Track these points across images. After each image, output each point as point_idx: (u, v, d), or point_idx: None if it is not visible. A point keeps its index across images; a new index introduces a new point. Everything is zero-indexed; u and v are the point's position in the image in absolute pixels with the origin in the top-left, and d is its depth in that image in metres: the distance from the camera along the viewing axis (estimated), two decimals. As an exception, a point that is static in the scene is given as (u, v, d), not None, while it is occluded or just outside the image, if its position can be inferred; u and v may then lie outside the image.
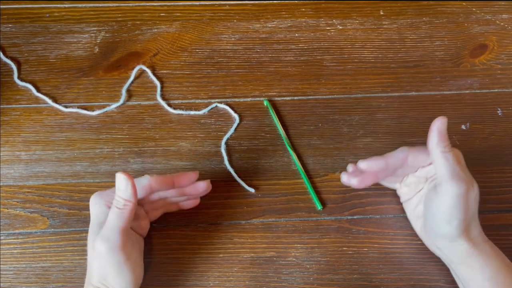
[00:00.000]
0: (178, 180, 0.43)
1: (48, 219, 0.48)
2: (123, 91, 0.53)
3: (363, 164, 0.42)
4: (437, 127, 0.40)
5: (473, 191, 0.40)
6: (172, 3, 0.59)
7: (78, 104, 0.53)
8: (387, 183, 0.47)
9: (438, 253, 0.44)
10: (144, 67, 0.55)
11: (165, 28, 0.57)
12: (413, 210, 0.45)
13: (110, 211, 0.39)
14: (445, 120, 0.40)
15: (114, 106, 0.53)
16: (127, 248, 0.39)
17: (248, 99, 0.54)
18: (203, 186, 0.45)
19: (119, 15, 0.58)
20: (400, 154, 0.43)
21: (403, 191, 0.46)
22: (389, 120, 0.53)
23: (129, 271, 0.39)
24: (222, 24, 0.58)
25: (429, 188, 0.42)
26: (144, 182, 0.42)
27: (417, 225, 0.45)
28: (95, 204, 0.41)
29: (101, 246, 0.38)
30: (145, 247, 0.45)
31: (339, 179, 0.50)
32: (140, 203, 0.44)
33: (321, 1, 0.60)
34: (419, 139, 0.51)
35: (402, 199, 0.47)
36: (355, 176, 0.43)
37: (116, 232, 0.38)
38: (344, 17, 0.59)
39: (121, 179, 0.38)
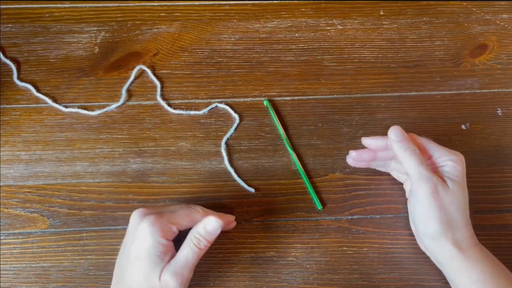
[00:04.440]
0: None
1: (48, 219, 0.48)
2: (123, 91, 0.53)
3: (366, 140, 0.45)
4: (392, 137, 0.42)
5: (447, 192, 0.40)
6: (172, 3, 0.59)
7: (78, 104, 0.53)
8: (395, 171, 0.48)
9: (427, 253, 0.44)
10: (144, 67, 0.55)
11: (165, 28, 0.57)
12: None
13: (185, 248, 0.39)
14: (397, 130, 0.41)
15: (114, 106, 0.53)
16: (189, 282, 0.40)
17: (248, 99, 0.54)
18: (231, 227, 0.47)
19: (119, 15, 0.58)
20: None
21: (408, 184, 0.46)
22: (389, 120, 0.53)
23: None
24: (222, 24, 0.58)
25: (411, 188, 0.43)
26: (197, 217, 0.41)
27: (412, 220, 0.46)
28: (152, 234, 0.38)
29: (171, 281, 0.38)
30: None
31: (339, 179, 0.50)
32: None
33: (321, 1, 0.60)
34: (419, 139, 0.51)
35: (407, 194, 0.47)
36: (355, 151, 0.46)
37: (189, 269, 0.39)
38: (344, 17, 0.59)
39: (214, 222, 0.39)
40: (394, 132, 0.41)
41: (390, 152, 0.45)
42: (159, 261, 0.38)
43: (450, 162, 0.42)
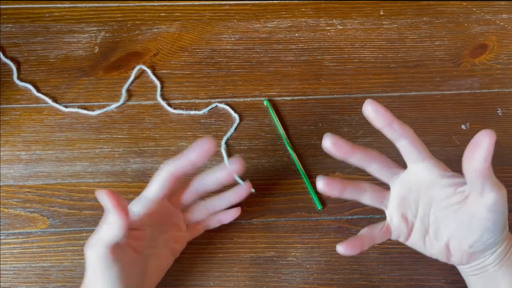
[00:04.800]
0: (192, 154, 0.39)
1: (48, 219, 0.48)
2: (123, 91, 0.53)
3: (328, 140, 0.37)
4: (488, 146, 0.33)
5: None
6: (172, 3, 0.59)
7: (78, 104, 0.53)
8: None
9: (469, 265, 0.39)
10: (144, 67, 0.55)
11: (165, 28, 0.58)
12: (425, 237, 0.39)
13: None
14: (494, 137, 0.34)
15: (114, 106, 0.53)
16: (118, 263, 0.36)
17: (248, 99, 0.54)
18: (243, 189, 0.43)
19: (119, 15, 0.58)
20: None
21: (395, 223, 0.39)
22: (389, 120, 0.53)
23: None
24: (222, 24, 0.58)
25: (458, 205, 0.37)
26: (163, 175, 0.39)
27: (440, 248, 0.39)
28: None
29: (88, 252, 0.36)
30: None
31: (339, 179, 0.50)
32: (177, 207, 0.43)
33: (321, 1, 0.60)
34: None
35: (401, 238, 0.40)
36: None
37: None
38: (344, 17, 0.59)
39: (103, 198, 0.35)
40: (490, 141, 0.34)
41: (359, 187, 0.39)
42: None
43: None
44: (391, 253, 0.47)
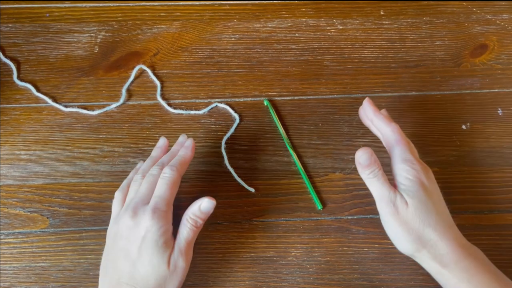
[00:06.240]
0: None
1: (47, 218, 0.47)
2: (123, 91, 0.53)
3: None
4: (360, 162, 0.41)
5: (407, 208, 0.39)
6: (172, 3, 0.59)
7: (78, 103, 0.53)
8: None
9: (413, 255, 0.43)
10: (144, 67, 0.55)
11: (165, 27, 0.57)
12: None
13: (185, 229, 0.41)
14: (367, 155, 0.41)
15: (114, 105, 0.53)
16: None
17: (248, 99, 0.54)
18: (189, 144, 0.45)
19: (119, 14, 0.58)
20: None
21: None
22: (389, 120, 0.53)
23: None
24: (222, 24, 0.58)
25: None
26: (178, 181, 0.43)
27: None
28: (157, 229, 0.39)
29: (180, 263, 0.40)
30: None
31: (339, 179, 0.50)
32: None
33: (322, 1, 0.60)
34: (419, 139, 0.51)
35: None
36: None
37: (191, 248, 0.41)
38: (345, 17, 0.59)
39: (208, 203, 0.41)
40: (364, 157, 0.41)
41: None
42: (166, 248, 0.39)
43: (403, 173, 0.41)
44: (391, 253, 0.47)
